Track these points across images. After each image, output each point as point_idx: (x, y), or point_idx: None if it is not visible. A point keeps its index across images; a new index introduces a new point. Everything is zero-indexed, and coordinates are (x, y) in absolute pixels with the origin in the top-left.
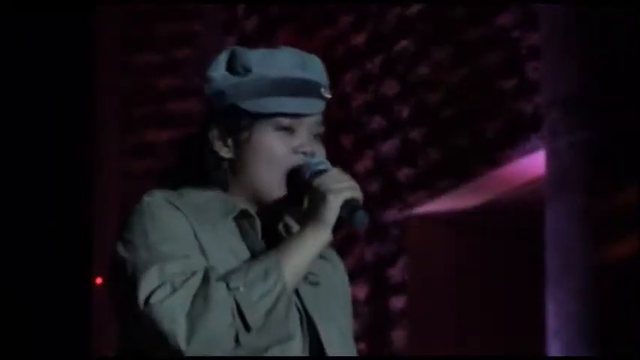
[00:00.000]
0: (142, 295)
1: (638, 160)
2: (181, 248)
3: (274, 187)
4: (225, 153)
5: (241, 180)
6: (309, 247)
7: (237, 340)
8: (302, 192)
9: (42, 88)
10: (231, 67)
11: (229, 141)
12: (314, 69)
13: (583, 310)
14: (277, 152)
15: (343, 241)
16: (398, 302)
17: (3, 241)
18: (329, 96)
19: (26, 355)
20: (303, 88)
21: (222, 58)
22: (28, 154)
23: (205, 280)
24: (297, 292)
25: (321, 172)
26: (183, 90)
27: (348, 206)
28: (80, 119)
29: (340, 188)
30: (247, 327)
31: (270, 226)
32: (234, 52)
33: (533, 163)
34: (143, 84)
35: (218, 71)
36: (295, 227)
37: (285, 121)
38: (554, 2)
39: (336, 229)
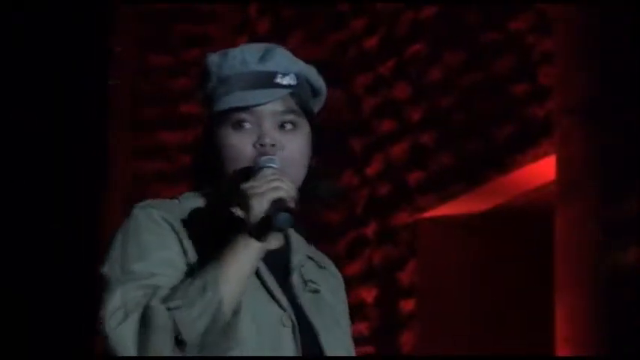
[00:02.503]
0: (102, 319)
1: None
2: (152, 266)
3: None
4: (208, 162)
5: (222, 183)
6: (243, 256)
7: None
8: None
9: (54, 88)
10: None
11: (209, 149)
12: (273, 59)
13: (593, 316)
14: (236, 149)
15: (353, 244)
16: (407, 305)
17: (11, 242)
18: (291, 82)
19: (31, 355)
20: (256, 80)
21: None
22: (39, 153)
23: (149, 302)
24: (298, 301)
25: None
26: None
27: (273, 208)
28: (92, 119)
29: (264, 191)
30: (183, 344)
31: None
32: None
33: (544, 169)
34: (156, 85)
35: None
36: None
37: (239, 116)
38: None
39: (267, 230)
